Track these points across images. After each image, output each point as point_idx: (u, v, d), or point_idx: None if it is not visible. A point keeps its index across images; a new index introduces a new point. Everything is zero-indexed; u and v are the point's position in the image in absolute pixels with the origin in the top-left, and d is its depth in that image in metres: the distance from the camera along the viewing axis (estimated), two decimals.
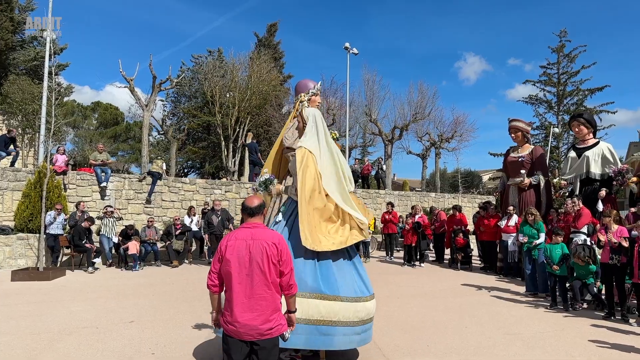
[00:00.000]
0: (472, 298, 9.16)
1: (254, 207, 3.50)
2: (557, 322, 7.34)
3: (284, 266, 3.35)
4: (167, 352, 5.55)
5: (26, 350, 5.56)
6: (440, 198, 24.05)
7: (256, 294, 3.27)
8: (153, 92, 22.52)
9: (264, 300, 3.29)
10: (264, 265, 3.27)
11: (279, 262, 3.33)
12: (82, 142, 36.98)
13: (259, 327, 3.26)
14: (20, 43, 25.79)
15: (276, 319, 3.34)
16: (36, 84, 22.07)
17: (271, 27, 35.79)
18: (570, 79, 38.92)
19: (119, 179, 15.82)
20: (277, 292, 3.38)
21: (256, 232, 3.39)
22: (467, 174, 51.46)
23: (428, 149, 31.38)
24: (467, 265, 13.26)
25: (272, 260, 3.29)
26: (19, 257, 12.42)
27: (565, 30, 38.77)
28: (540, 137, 39.15)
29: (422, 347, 5.74)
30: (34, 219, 12.64)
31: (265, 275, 3.27)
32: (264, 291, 3.28)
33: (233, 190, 17.92)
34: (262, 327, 3.26)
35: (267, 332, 3.28)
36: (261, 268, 3.27)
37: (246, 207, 3.52)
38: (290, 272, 3.40)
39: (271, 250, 3.30)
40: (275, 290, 3.35)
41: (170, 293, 9.33)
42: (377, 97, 30.13)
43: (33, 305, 7.99)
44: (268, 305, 3.30)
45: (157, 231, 13.86)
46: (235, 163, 27.27)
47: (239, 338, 3.29)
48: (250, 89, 26.62)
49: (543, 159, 12.88)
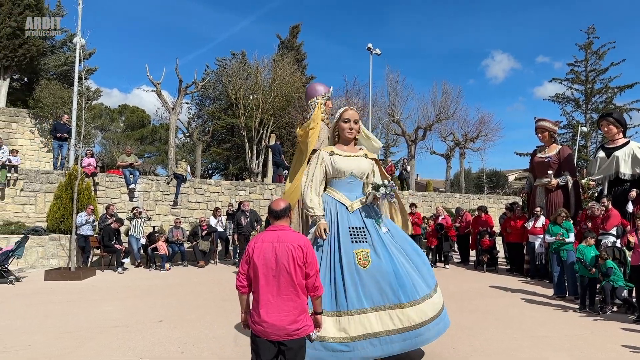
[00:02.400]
0: (499, 300, 9.07)
1: (280, 209, 3.57)
2: (586, 325, 7.22)
3: (309, 268, 3.41)
4: (195, 351, 5.66)
5: (59, 348, 5.74)
6: (465, 199, 23.82)
7: (283, 295, 3.35)
8: (179, 96, 22.85)
9: (291, 301, 3.36)
10: (290, 267, 3.33)
11: (304, 264, 3.38)
12: (109, 145, 37.71)
13: (286, 328, 3.32)
14: (50, 48, 26.49)
15: (303, 320, 3.40)
16: (66, 88, 22.64)
17: (293, 29, 35.95)
18: (598, 76, 38.05)
19: (147, 181, 16.15)
20: (304, 294, 3.44)
21: (282, 234, 3.46)
22: (493, 174, 50.69)
23: (452, 149, 31.05)
24: (493, 267, 13.12)
25: (298, 262, 3.35)
26: (52, 257, 12.80)
27: (593, 27, 37.95)
28: (567, 137, 38.41)
29: (447, 349, 5.72)
30: (66, 220, 13.00)
31: (291, 276, 3.34)
32: (290, 292, 3.36)
33: (257, 191, 18.09)
34: (289, 327, 3.33)
35: (294, 333, 3.35)
36: (287, 270, 3.33)
37: (272, 210, 3.60)
38: (316, 274, 3.46)
39: (297, 252, 3.36)
40: (302, 291, 3.41)
41: (198, 293, 9.48)
42: (400, 97, 29.99)
43: (65, 305, 8.23)
44: (295, 307, 3.37)
45: (184, 232, 14.10)
46: (258, 164, 27.47)
47: (267, 338, 3.36)
48: (274, 91, 26.79)
49: (571, 159, 12.65)
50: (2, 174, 13.51)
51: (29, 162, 20.33)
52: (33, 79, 25.88)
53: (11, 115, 21.30)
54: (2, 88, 22.60)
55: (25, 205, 13.96)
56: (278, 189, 18.33)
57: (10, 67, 22.66)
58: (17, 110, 21.90)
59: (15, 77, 25.62)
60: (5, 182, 13.59)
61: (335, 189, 5.30)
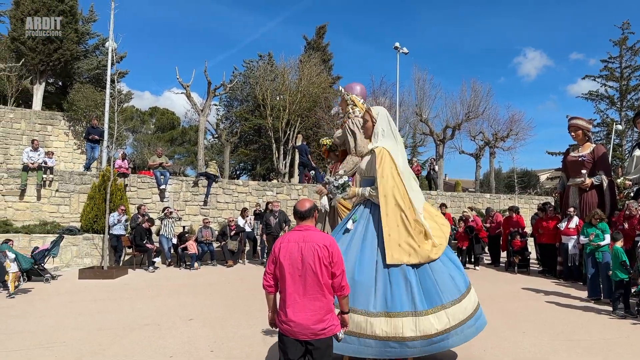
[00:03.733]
0: (530, 302, 8.88)
1: (304, 210, 3.60)
2: (622, 328, 7.00)
3: (335, 268, 3.41)
4: (225, 350, 5.72)
5: (93, 345, 5.88)
6: (495, 199, 23.41)
7: (309, 294, 3.37)
8: (208, 97, 23.24)
9: (317, 300, 3.37)
10: (316, 266, 3.35)
11: (330, 263, 3.39)
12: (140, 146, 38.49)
13: (312, 327, 3.33)
14: (83, 53, 27.21)
15: (329, 320, 3.41)
16: (99, 91, 23.22)
17: (320, 29, 36.02)
18: (633, 72, 36.94)
19: (177, 182, 16.41)
20: (330, 293, 3.45)
21: (308, 234, 3.48)
22: (524, 173, 49.66)
23: (482, 148, 30.56)
24: (524, 269, 12.85)
25: (324, 262, 3.37)
26: (85, 256, 13.14)
27: (628, 22, 36.83)
28: (602, 135, 37.37)
29: (478, 351, 5.63)
30: (99, 220, 13.31)
31: (317, 276, 3.36)
32: (316, 292, 3.37)
33: (284, 192, 18.18)
34: (316, 327, 3.34)
35: (321, 332, 3.36)
36: (313, 269, 3.35)
37: (297, 210, 3.63)
38: (342, 273, 3.46)
39: (322, 252, 3.37)
40: (328, 291, 3.42)
41: (227, 292, 9.59)
42: (428, 97, 29.67)
43: (99, 302, 8.43)
44: (322, 306, 3.38)
45: (213, 232, 14.27)
46: (285, 165, 27.62)
47: (294, 337, 3.38)
48: (300, 92, 26.89)
49: (605, 157, 12.29)
50: (39, 175, 13.94)
51: (64, 163, 20.96)
52: (67, 83, 26.64)
53: (47, 118, 21.99)
54: (38, 92, 23.32)
55: (60, 206, 14.37)
56: (305, 189, 18.38)
57: (45, 72, 23.37)
58: (52, 113, 22.61)
59: (50, 81, 26.42)
60: (41, 183, 14.02)
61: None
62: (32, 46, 22.11)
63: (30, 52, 22.17)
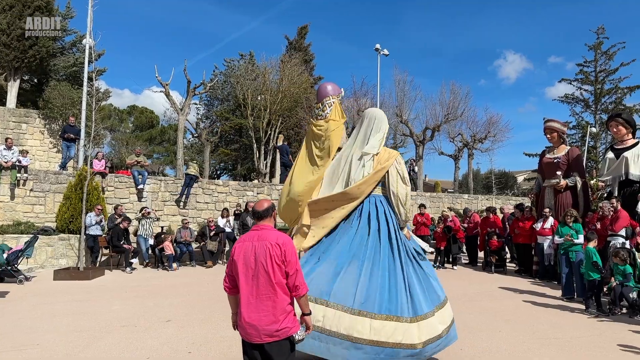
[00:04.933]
0: (506, 302, 9.02)
1: (262, 210, 3.54)
2: (594, 327, 7.16)
3: (288, 267, 3.33)
4: (203, 351, 5.69)
5: (68, 347, 5.79)
6: (473, 199, 23.71)
7: (262, 294, 3.30)
8: (188, 96, 23.03)
9: (270, 300, 3.29)
10: (268, 265, 3.28)
11: (283, 262, 3.31)
12: (118, 145, 37.97)
13: (266, 328, 3.27)
14: (60, 50, 26.69)
15: (284, 321, 3.31)
16: (76, 89, 22.80)
17: (302, 29, 35.99)
18: (608, 77, 37.77)
19: (155, 182, 16.23)
20: (285, 293, 3.36)
21: (262, 233, 3.43)
22: (501, 174, 50.41)
23: (460, 149, 30.95)
24: (501, 269, 13.05)
25: (276, 261, 3.30)
26: (61, 257, 12.90)
27: (603, 27, 37.69)
28: (576, 137, 38.13)
29: (454, 350, 5.70)
30: (75, 220, 13.09)
31: (269, 275, 3.28)
32: (269, 291, 3.29)
33: (265, 192, 18.14)
34: (269, 327, 3.27)
35: (275, 334, 3.28)
36: (265, 268, 3.29)
37: (255, 210, 3.59)
38: (296, 273, 3.37)
39: (275, 250, 3.31)
40: (282, 291, 3.34)
41: (206, 293, 9.52)
42: (408, 98, 29.93)
43: (74, 304, 8.30)
44: (273, 306, 3.29)
45: (192, 232, 14.15)
46: (266, 165, 27.55)
47: (248, 340, 3.32)
48: (282, 92, 26.84)
49: (580, 159, 12.56)
50: (13, 174, 13.65)
51: (39, 162, 20.51)
52: (43, 80, 26.07)
53: (21, 116, 21.49)
54: (12, 89, 22.79)
55: (35, 206, 14.09)
56: None
57: (20, 69, 22.84)
58: (27, 111, 22.09)
59: (25, 79, 25.82)
60: (15, 183, 13.72)
61: None
62: (6, 42, 21.59)
63: (4, 48, 21.64)
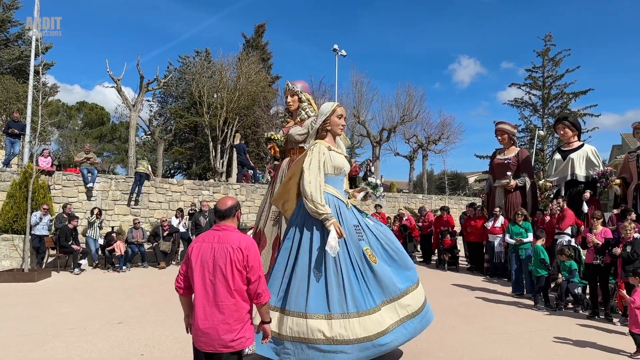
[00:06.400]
0: (460, 299, 9.25)
1: (225, 209, 3.30)
2: (543, 321, 7.45)
3: (251, 273, 3.13)
4: (156, 354, 5.53)
5: (13, 352, 5.50)
6: (427, 200, 24.19)
7: (218, 301, 3.09)
8: (140, 92, 22.44)
9: (227, 308, 3.09)
10: (227, 270, 3.07)
11: (245, 267, 3.11)
12: (67, 143, 36.57)
13: (221, 338, 3.07)
14: (4, 42, 25.45)
15: (241, 331, 3.12)
16: (21, 83, 21.79)
17: (259, 28, 35.71)
18: (554, 82, 39.31)
19: (106, 180, 15.69)
20: (245, 301, 3.17)
21: (224, 235, 3.20)
22: (454, 175, 51.81)
23: (415, 150, 31.59)
24: (454, 266, 13.37)
25: (237, 266, 3.08)
26: (3, 259, 12.25)
27: (550, 35, 39.20)
28: (525, 140, 39.54)
29: (409, 345, 5.77)
30: (19, 219, 12.48)
31: (227, 281, 3.08)
32: (226, 298, 3.08)
33: (221, 191, 17.86)
34: (224, 337, 3.07)
35: (230, 344, 3.09)
36: (224, 274, 3.07)
37: (217, 209, 3.32)
38: (259, 279, 3.17)
39: (236, 255, 3.09)
40: (242, 298, 3.14)
41: (158, 294, 9.27)
42: (365, 99, 30.32)
43: (19, 307, 7.90)
44: (230, 314, 3.09)
45: (144, 232, 13.76)
46: (223, 164, 27.18)
47: (200, 349, 3.14)
48: (239, 90, 26.57)
49: (529, 161, 13.03)
50: None
51: None
52: None
53: None
54: None
55: None
56: (243, 189, 18.15)
57: None
58: None
59: None
60: None
61: (331, 185, 5.05)
62: None
63: None
